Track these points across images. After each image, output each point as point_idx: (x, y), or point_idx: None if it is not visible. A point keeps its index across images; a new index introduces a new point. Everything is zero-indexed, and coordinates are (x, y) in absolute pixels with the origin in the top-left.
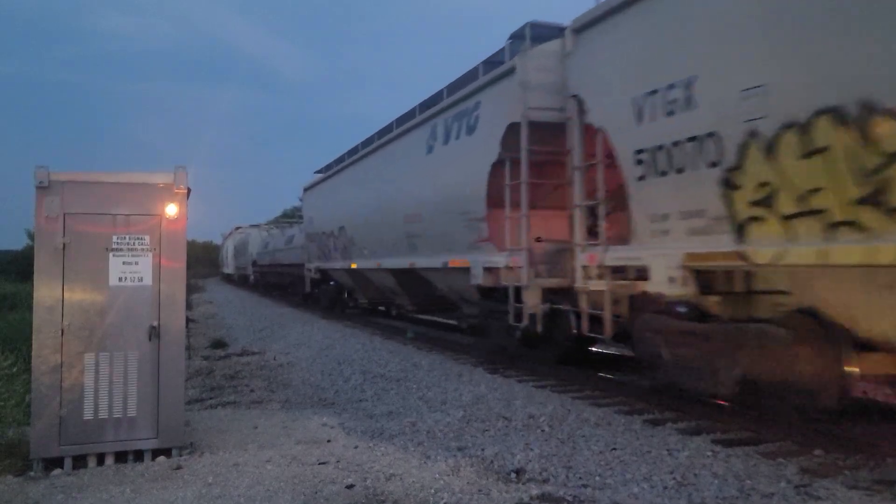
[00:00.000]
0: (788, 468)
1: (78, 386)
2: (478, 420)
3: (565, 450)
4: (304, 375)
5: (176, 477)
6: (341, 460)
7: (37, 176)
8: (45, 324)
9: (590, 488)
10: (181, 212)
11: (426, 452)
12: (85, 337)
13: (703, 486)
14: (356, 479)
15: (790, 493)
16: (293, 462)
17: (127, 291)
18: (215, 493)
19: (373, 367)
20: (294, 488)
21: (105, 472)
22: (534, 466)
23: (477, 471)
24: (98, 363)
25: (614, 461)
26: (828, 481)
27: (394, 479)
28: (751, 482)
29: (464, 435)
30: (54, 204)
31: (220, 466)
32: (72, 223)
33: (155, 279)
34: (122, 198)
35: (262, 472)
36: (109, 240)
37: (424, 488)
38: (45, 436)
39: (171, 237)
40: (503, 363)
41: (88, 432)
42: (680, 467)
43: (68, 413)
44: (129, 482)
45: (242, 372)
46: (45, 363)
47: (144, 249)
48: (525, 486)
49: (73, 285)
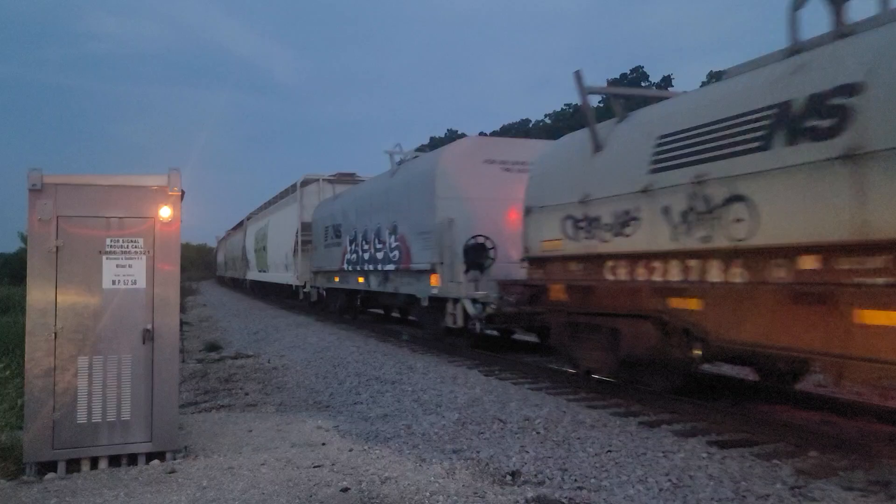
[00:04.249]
0: (784, 469)
1: (71, 389)
2: (473, 422)
3: (561, 452)
4: (298, 378)
5: (170, 481)
6: (336, 463)
7: (30, 178)
8: (38, 327)
9: (585, 490)
10: (175, 214)
11: (421, 455)
12: (78, 340)
13: (699, 488)
14: (351, 482)
15: (785, 494)
16: (288, 465)
17: (120, 294)
18: (209, 496)
19: (368, 370)
20: (289, 492)
21: (99, 476)
22: (529, 469)
23: (472, 473)
24: (91, 366)
25: (610, 463)
26: (823, 482)
27: (389, 482)
28: (746, 484)
29: (459, 437)
30: (47, 207)
31: (214, 470)
32: (65, 226)
33: (149, 282)
34: (115, 200)
35: (257, 476)
36: (103, 242)
37: (420, 491)
38: (38, 439)
39: (165, 240)
40: (498, 365)
41: (82, 436)
42: (675, 469)
43: (62, 417)
44: (122, 486)
45: (237, 375)
46: (38, 367)
47: (138, 252)
48: (520, 489)
49: (67, 288)
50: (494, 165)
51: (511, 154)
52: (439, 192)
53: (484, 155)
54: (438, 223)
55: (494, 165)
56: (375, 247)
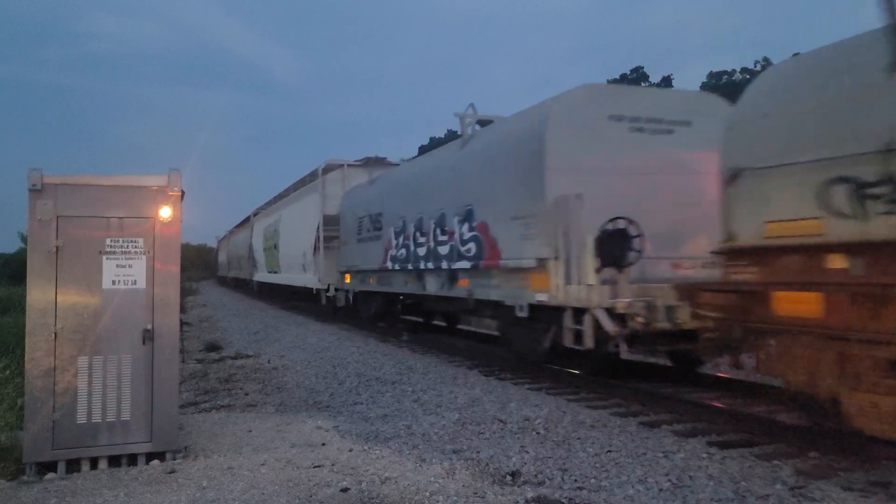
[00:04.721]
0: (784, 470)
1: (71, 389)
2: (473, 423)
3: (561, 452)
4: (298, 378)
5: (170, 481)
6: (336, 463)
7: (30, 179)
8: (39, 327)
9: (585, 490)
10: (175, 214)
11: (421, 455)
12: (78, 340)
13: (699, 489)
14: (351, 482)
15: (785, 494)
16: (288, 465)
17: (120, 294)
18: (209, 497)
19: (368, 370)
20: (289, 492)
21: (99, 477)
22: (529, 469)
23: (472, 474)
24: (91, 366)
25: (610, 463)
26: (823, 483)
27: (389, 483)
28: (746, 484)
29: (459, 438)
30: (47, 207)
31: (214, 470)
32: (65, 226)
33: (149, 282)
34: (115, 200)
35: (257, 476)
36: (103, 243)
37: (420, 491)
38: (38, 440)
39: (165, 240)
40: (498, 366)
41: (82, 436)
42: (675, 469)
43: (62, 417)
44: (122, 486)
45: (237, 375)
46: (38, 367)
47: (138, 252)
48: (521, 489)
49: (67, 288)
50: (622, 124)
51: (642, 108)
52: (551, 161)
53: (608, 108)
54: (551, 203)
55: (622, 124)
56: (436, 239)
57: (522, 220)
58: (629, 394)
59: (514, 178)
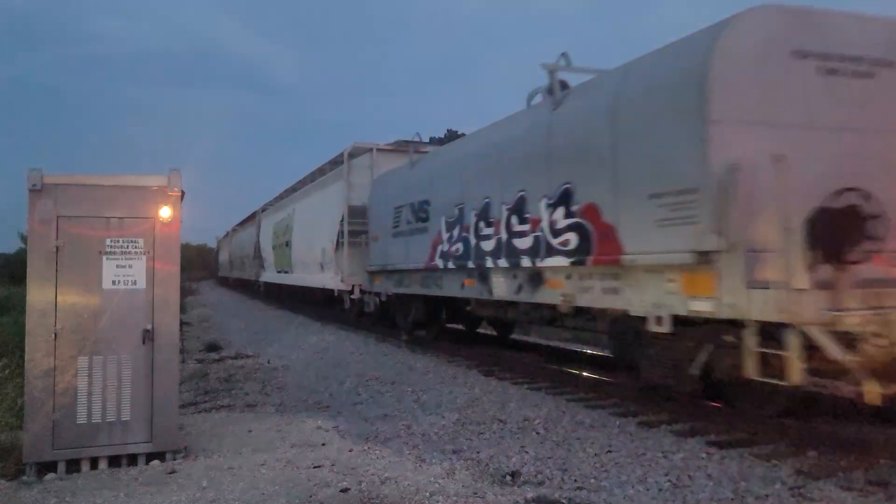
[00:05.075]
0: (783, 470)
1: (71, 390)
2: (473, 423)
3: (560, 452)
4: (298, 378)
5: (170, 481)
6: (336, 464)
7: (30, 178)
8: (38, 327)
9: (585, 490)
10: (175, 215)
11: (421, 455)
12: (78, 340)
13: (698, 488)
14: (351, 482)
15: (785, 494)
16: (288, 466)
17: (120, 295)
18: (209, 497)
19: (367, 370)
20: (289, 492)
21: (99, 477)
22: (529, 469)
23: (472, 474)
24: (91, 367)
25: (609, 463)
26: (822, 482)
27: (389, 483)
28: (745, 484)
29: (459, 438)
30: (47, 207)
31: (214, 470)
32: (65, 226)
33: (149, 282)
34: (115, 201)
35: (257, 476)
36: (103, 243)
37: (419, 491)
38: (38, 440)
39: (165, 240)
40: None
41: (82, 436)
42: (675, 469)
43: (61, 417)
44: (122, 486)
45: (237, 375)
46: (38, 367)
47: (138, 252)
48: (520, 489)
49: (67, 288)
50: (808, 62)
51: (836, 41)
52: (717, 112)
53: (792, 43)
54: (723, 170)
55: (808, 62)
56: (510, 230)
57: (667, 199)
58: (628, 394)
59: (650, 139)
